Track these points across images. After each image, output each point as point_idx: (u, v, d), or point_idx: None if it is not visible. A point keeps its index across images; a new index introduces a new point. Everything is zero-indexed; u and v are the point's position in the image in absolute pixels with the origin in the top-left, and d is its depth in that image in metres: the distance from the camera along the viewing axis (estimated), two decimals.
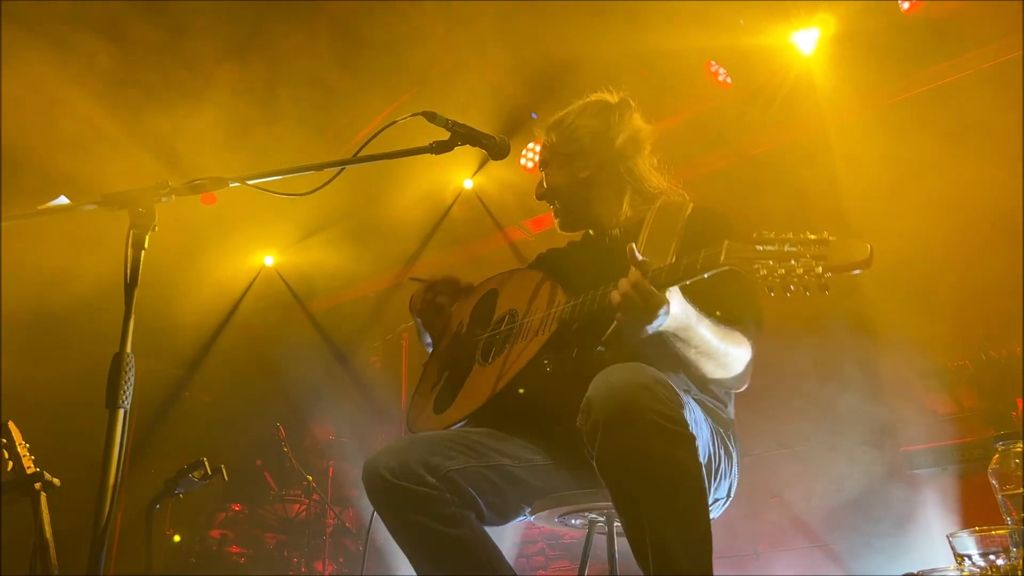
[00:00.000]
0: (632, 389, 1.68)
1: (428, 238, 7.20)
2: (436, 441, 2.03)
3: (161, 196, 1.85)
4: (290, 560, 5.86)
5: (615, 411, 1.68)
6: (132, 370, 1.69)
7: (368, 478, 1.99)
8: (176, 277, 6.43)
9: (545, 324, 2.07)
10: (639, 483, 1.66)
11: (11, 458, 2.99)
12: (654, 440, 1.65)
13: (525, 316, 2.20)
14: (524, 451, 2.11)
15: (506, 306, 2.35)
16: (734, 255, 1.69)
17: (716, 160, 5.94)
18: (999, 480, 1.80)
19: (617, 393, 1.69)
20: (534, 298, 2.22)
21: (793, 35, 5.35)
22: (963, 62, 5.11)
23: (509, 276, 2.50)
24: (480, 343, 2.34)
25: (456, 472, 1.97)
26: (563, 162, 2.39)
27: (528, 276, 2.37)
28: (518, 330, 2.20)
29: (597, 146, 2.36)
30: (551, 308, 2.09)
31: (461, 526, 1.94)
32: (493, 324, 2.35)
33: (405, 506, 1.94)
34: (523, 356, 2.08)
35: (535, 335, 2.09)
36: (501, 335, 2.27)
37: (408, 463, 1.95)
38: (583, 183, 2.37)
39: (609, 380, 1.73)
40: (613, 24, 5.20)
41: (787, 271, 1.61)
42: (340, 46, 5.39)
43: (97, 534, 1.57)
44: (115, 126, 5.31)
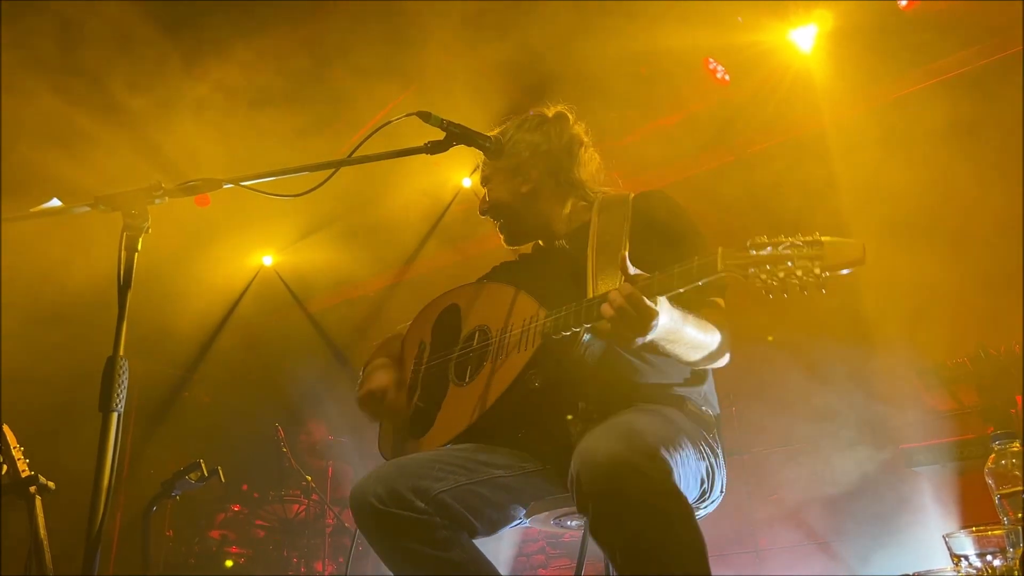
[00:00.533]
0: (618, 471, 1.65)
1: (426, 237, 7.20)
2: (424, 464, 2.00)
3: (154, 198, 1.85)
4: (289, 560, 5.86)
5: (603, 494, 1.66)
6: (125, 373, 1.69)
7: (356, 506, 1.96)
8: (175, 278, 6.43)
9: (527, 339, 2.05)
10: (634, 560, 1.64)
11: (6, 461, 2.98)
12: (646, 525, 1.63)
13: (501, 332, 2.16)
14: (514, 459, 2.09)
15: (474, 322, 2.30)
16: (730, 261, 1.69)
17: (715, 158, 5.94)
18: (996, 480, 1.79)
19: (605, 474, 1.66)
20: (509, 313, 2.18)
21: (791, 32, 5.34)
22: (961, 59, 5.11)
23: (470, 291, 2.46)
24: (451, 362, 2.30)
25: (446, 493, 1.94)
26: (504, 177, 2.39)
27: (495, 290, 2.34)
28: (496, 346, 2.15)
29: (536, 159, 2.37)
30: (532, 322, 2.06)
31: (453, 548, 1.92)
32: (462, 342, 2.30)
33: (395, 533, 1.91)
34: (509, 372, 2.05)
35: (518, 351, 2.06)
36: (475, 353, 2.22)
37: (396, 489, 1.92)
38: (525, 196, 2.38)
39: (596, 458, 1.69)
40: (611, 22, 5.19)
41: (785, 274, 1.62)
42: (335, 46, 5.38)
43: (91, 537, 1.57)
44: (109, 126, 5.31)
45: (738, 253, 1.68)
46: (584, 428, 1.94)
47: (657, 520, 1.64)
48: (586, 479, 1.68)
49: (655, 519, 1.64)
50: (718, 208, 5.24)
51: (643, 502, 1.63)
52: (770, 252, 1.64)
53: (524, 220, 2.41)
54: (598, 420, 1.91)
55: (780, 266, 1.63)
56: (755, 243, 1.66)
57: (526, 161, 2.38)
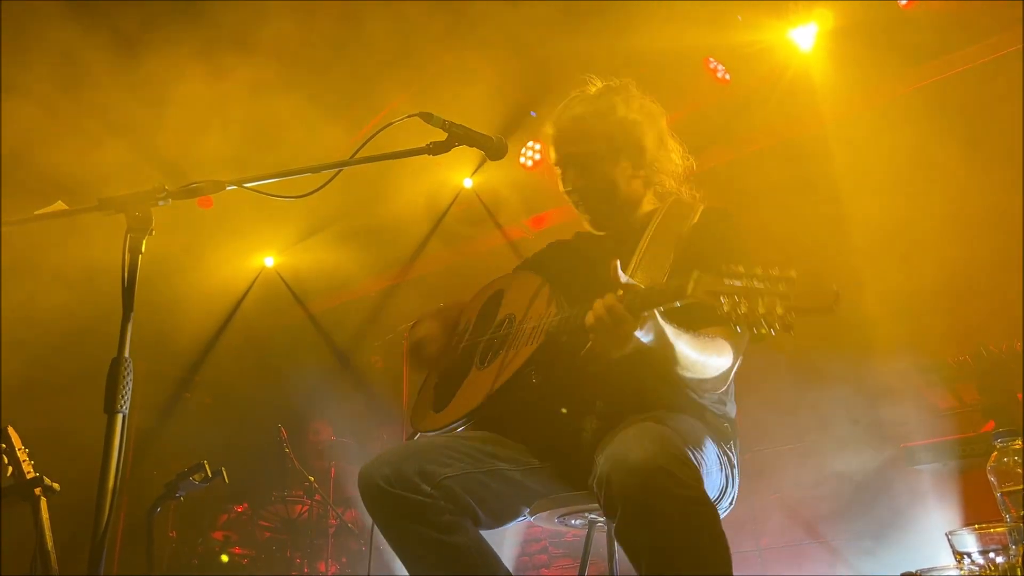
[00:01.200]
0: (652, 474, 1.65)
1: (428, 237, 7.20)
2: (432, 448, 2.03)
3: (158, 200, 1.85)
4: (292, 561, 5.86)
5: (636, 496, 1.65)
6: (130, 374, 1.69)
7: (364, 487, 1.99)
8: (177, 279, 6.43)
9: (534, 334, 2.08)
10: (661, 563, 1.65)
11: (11, 463, 2.98)
12: (677, 527, 1.64)
13: (522, 323, 2.20)
14: (521, 454, 2.11)
15: (507, 309, 2.35)
16: (700, 288, 1.67)
17: (715, 157, 5.93)
18: (998, 477, 1.80)
19: (637, 476, 1.65)
20: (531, 304, 2.22)
21: (791, 31, 5.34)
22: (962, 57, 5.11)
23: (517, 277, 2.51)
24: (479, 346, 2.35)
25: (452, 479, 1.96)
26: (585, 162, 2.34)
27: (529, 280, 2.36)
28: (513, 336, 2.20)
29: (635, 143, 2.35)
30: (544, 318, 2.09)
31: (457, 533, 1.94)
32: (493, 327, 2.35)
33: (401, 514, 1.93)
34: (512, 365, 2.08)
35: (524, 344, 2.10)
36: (499, 339, 2.27)
37: (403, 472, 1.94)
38: (617, 182, 2.34)
39: (628, 460, 1.68)
40: (611, 21, 5.20)
41: (750, 308, 1.60)
42: (336, 46, 5.39)
43: (97, 538, 1.57)
44: (110, 127, 5.31)
45: (712, 280, 1.67)
46: (600, 427, 1.95)
47: (687, 525, 1.64)
48: (617, 481, 1.68)
49: (685, 524, 1.64)
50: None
51: (674, 507, 1.64)
52: (742, 284, 1.62)
53: (612, 206, 2.36)
54: (616, 421, 1.92)
55: (750, 298, 1.60)
56: (730, 272, 1.64)
57: (633, 142, 2.34)
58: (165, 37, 5.09)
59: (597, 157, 2.31)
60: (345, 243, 7.15)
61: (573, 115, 2.36)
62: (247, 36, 5.23)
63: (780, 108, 5.56)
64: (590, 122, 2.33)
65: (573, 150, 2.33)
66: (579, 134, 2.33)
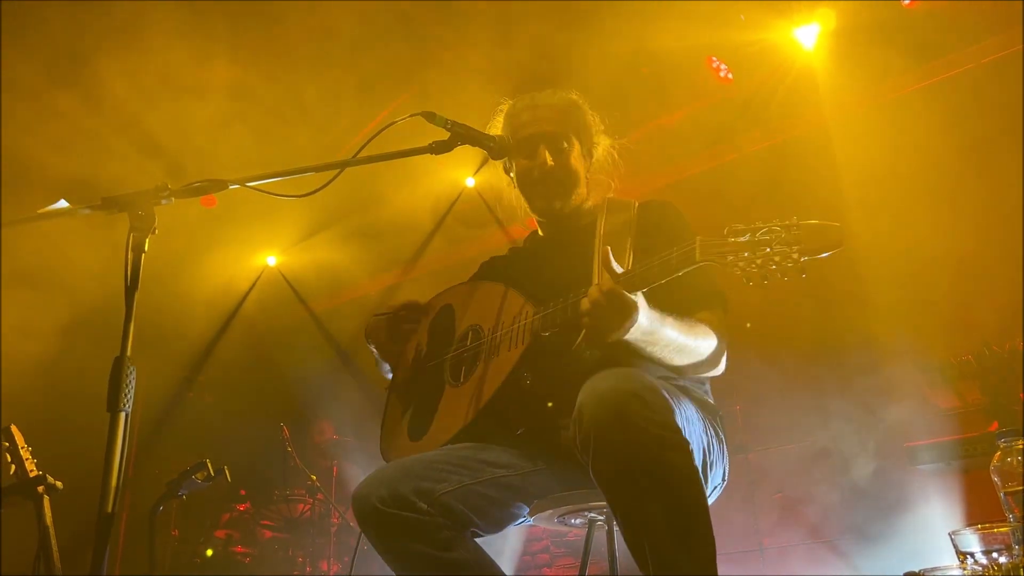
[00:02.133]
0: (621, 397, 1.66)
1: (430, 236, 7.21)
2: (426, 465, 2.00)
3: (161, 199, 1.85)
4: (295, 560, 5.87)
5: (606, 421, 1.66)
6: (133, 374, 1.69)
7: (359, 509, 1.96)
8: (179, 278, 6.44)
9: (517, 337, 2.05)
10: (635, 492, 1.64)
11: (14, 461, 3.00)
12: (648, 448, 1.63)
13: (492, 331, 2.16)
14: (516, 458, 2.09)
15: (467, 322, 2.30)
16: (709, 250, 1.69)
17: (718, 156, 5.94)
18: (1001, 477, 1.79)
19: (607, 403, 1.67)
20: (499, 311, 2.17)
21: (794, 30, 5.34)
22: (965, 56, 5.10)
23: (464, 290, 2.45)
24: (446, 364, 2.30)
25: (449, 495, 1.94)
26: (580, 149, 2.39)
27: (486, 288, 2.33)
28: (488, 346, 2.15)
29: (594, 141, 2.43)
30: (520, 320, 2.06)
31: (456, 549, 1.92)
32: (457, 342, 2.30)
33: (398, 534, 1.91)
34: (500, 371, 2.05)
35: (508, 349, 2.06)
36: (469, 353, 2.22)
37: (399, 491, 1.91)
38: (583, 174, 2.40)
39: (597, 389, 1.70)
40: (614, 20, 5.19)
41: (763, 260, 1.62)
42: (338, 46, 5.39)
43: (100, 536, 1.58)
44: (111, 127, 5.32)
45: (716, 241, 1.69)
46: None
47: (655, 445, 1.64)
48: (589, 411, 1.69)
49: (653, 444, 1.64)
50: (721, 206, 5.24)
51: (644, 430, 1.63)
52: (748, 239, 1.65)
53: (573, 196, 2.38)
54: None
55: (758, 252, 1.63)
56: (733, 230, 1.67)
57: (591, 139, 2.42)
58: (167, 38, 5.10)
59: (569, 142, 2.36)
60: (347, 242, 7.16)
61: (548, 101, 2.40)
62: (249, 36, 5.24)
63: (783, 107, 5.56)
64: (566, 109, 2.40)
65: (549, 129, 2.36)
66: (557, 115, 2.38)
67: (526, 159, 2.37)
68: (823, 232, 1.62)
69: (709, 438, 2.03)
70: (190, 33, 5.11)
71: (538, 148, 2.35)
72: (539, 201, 2.40)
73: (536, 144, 2.35)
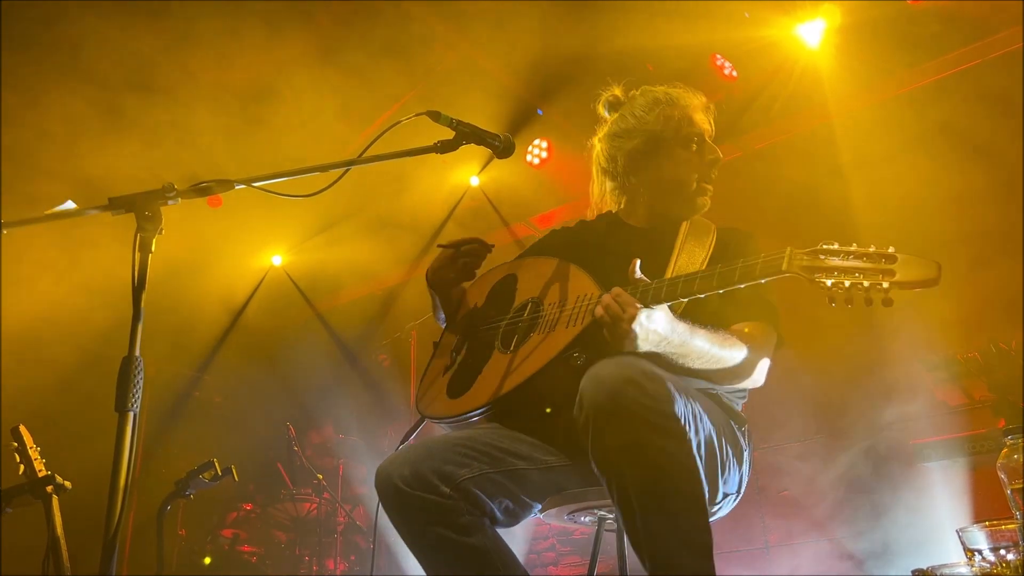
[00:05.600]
0: (618, 384, 1.68)
1: (435, 235, 7.21)
2: (449, 447, 2.01)
3: (167, 199, 1.86)
4: (301, 558, 5.89)
5: (602, 406, 1.69)
6: (141, 373, 1.70)
7: (381, 486, 1.98)
8: (185, 278, 6.45)
9: (577, 317, 2.04)
10: (629, 477, 1.66)
11: (23, 461, 3.01)
12: (642, 433, 1.65)
13: (552, 306, 2.16)
14: (537, 451, 2.09)
15: (527, 294, 2.31)
16: (796, 263, 1.70)
17: (722, 153, 5.92)
18: (1008, 474, 1.79)
19: (604, 388, 1.70)
20: (563, 289, 2.18)
21: (798, 27, 5.33)
22: (970, 52, 5.08)
23: (529, 263, 2.46)
24: (500, 330, 2.30)
25: (470, 480, 1.95)
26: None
27: (548, 263, 2.33)
28: (544, 320, 2.15)
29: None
30: (583, 301, 2.06)
31: (475, 534, 1.93)
32: (513, 311, 2.31)
33: (419, 515, 1.93)
34: (552, 347, 2.04)
35: (566, 326, 2.05)
36: (524, 324, 2.22)
37: (421, 472, 1.93)
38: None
39: (598, 375, 1.73)
40: (618, 18, 5.19)
41: (853, 284, 1.63)
42: (343, 45, 5.39)
43: (108, 536, 1.58)
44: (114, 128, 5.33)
45: (807, 256, 1.69)
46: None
47: (653, 433, 1.66)
48: (588, 396, 1.72)
49: (651, 432, 1.66)
50: (724, 204, 5.22)
51: (639, 414, 1.66)
52: (840, 261, 1.65)
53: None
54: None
55: (848, 276, 1.63)
56: (825, 249, 1.67)
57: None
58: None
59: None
60: (352, 241, 7.17)
61: (705, 103, 2.47)
62: (251, 37, 5.24)
63: (787, 105, 5.55)
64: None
65: (707, 128, 2.43)
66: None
67: (690, 150, 2.38)
68: (921, 267, 1.61)
69: (723, 442, 2.02)
70: (193, 33, 5.13)
71: (705, 139, 2.40)
72: (697, 198, 2.39)
73: (704, 135, 2.40)
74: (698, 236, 2.27)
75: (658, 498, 1.64)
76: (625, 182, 2.44)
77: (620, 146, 2.41)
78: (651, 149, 2.38)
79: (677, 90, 2.43)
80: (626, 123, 2.42)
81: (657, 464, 1.65)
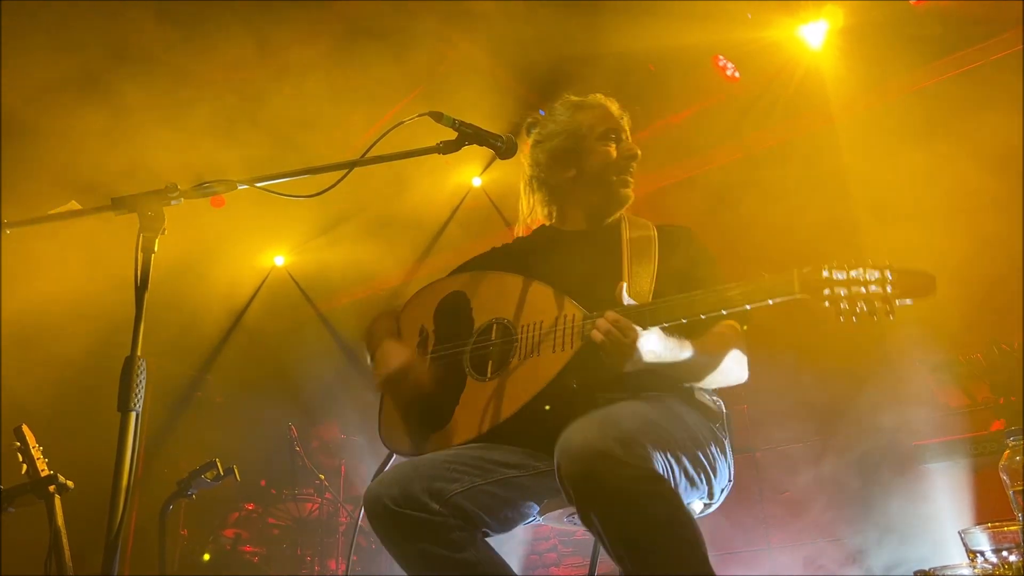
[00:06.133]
0: (593, 459, 1.68)
1: (437, 236, 7.21)
2: (437, 465, 2.00)
3: (170, 199, 1.87)
4: (303, 559, 5.89)
5: (579, 484, 1.69)
6: (143, 373, 1.70)
7: (370, 507, 1.97)
8: (187, 279, 6.45)
9: (564, 339, 2.03)
10: (622, 542, 1.67)
11: (25, 461, 3.01)
12: (625, 503, 1.66)
13: (527, 328, 2.13)
14: (525, 458, 2.08)
15: (488, 314, 2.26)
16: (809, 284, 1.76)
17: (724, 155, 5.93)
18: (1010, 476, 1.79)
19: (580, 464, 1.70)
20: (532, 309, 2.15)
21: (801, 28, 5.32)
22: (973, 54, 5.08)
23: (481, 279, 2.40)
24: (466, 355, 2.25)
25: (461, 495, 1.95)
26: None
27: (507, 280, 2.29)
28: (522, 344, 2.11)
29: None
30: (567, 323, 2.04)
31: (467, 549, 1.92)
32: (477, 334, 2.26)
33: (409, 534, 1.92)
34: (543, 373, 2.03)
35: (552, 351, 2.04)
36: (497, 348, 2.18)
37: (411, 491, 1.92)
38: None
39: (570, 449, 1.73)
40: (620, 19, 5.19)
41: (857, 299, 1.72)
42: (345, 45, 5.40)
43: (111, 536, 1.59)
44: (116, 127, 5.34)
45: (814, 276, 1.76)
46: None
47: (633, 502, 1.66)
48: (564, 467, 1.73)
49: (631, 501, 1.66)
50: (727, 205, 5.23)
51: (616, 486, 1.67)
52: (845, 277, 1.73)
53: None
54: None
55: (853, 291, 1.72)
56: (831, 267, 1.75)
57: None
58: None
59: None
60: (354, 242, 7.17)
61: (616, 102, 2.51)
62: (255, 38, 5.25)
63: (790, 106, 5.54)
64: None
65: (627, 125, 2.48)
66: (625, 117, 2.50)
67: (608, 145, 2.41)
68: (917, 280, 1.75)
69: (707, 450, 2.04)
70: (195, 35, 5.13)
71: (623, 136, 2.43)
72: (620, 189, 2.40)
73: (620, 133, 2.43)
74: (640, 235, 2.30)
75: (653, 563, 1.65)
76: (551, 184, 2.50)
77: (543, 148, 2.50)
78: (572, 146, 2.44)
79: (593, 95, 2.51)
80: (547, 128, 2.52)
81: (648, 529, 1.66)
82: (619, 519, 1.67)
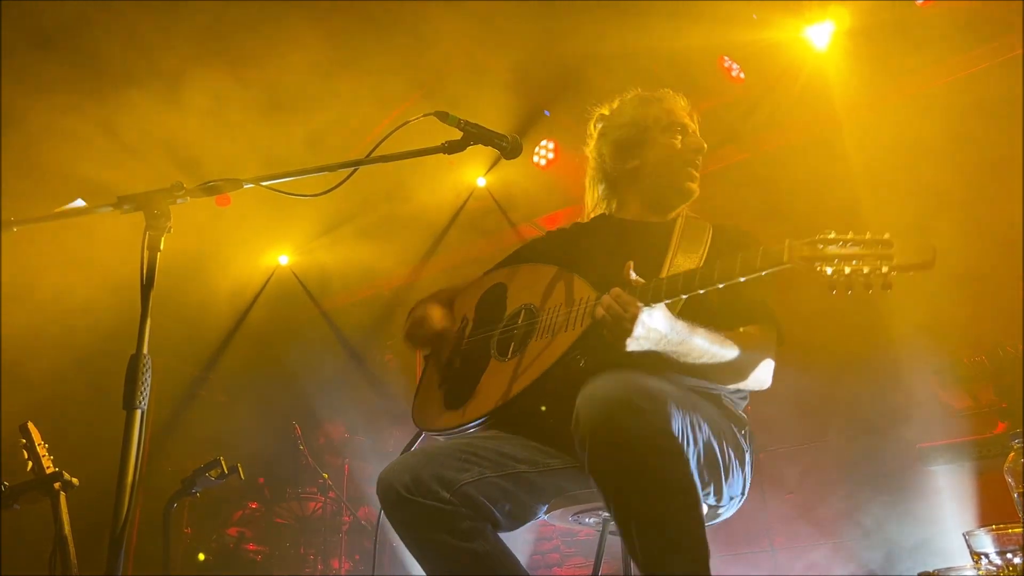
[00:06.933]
0: (613, 407, 1.70)
1: (441, 235, 7.22)
2: (450, 453, 2.02)
3: (176, 198, 1.87)
4: (306, 557, 5.89)
5: (598, 429, 1.70)
6: (149, 371, 1.70)
7: (383, 493, 1.98)
8: (192, 277, 6.47)
9: (576, 319, 2.04)
10: (626, 497, 1.68)
11: (31, 458, 3.02)
12: (637, 456, 1.67)
13: (549, 312, 2.15)
14: (539, 455, 2.09)
15: (519, 301, 2.30)
16: (796, 253, 1.72)
17: (729, 156, 5.92)
18: (1015, 478, 1.79)
19: (600, 410, 1.71)
20: (557, 294, 2.17)
21: (806, 29, 5.31)
22: (978, 56, 5.07)
23: (518, 271, 2.46)
24: (494, 338, 2.30)
25: (471, 485, 1.96)
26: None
27: (541, 270, 2.33)
28: (542, 326, 2.14)
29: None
30: (580, 304, 2.05)
31: (476, 539, 1.93)
32: (507, 319, 2.30)
33: (420, 522, 1.93)
34: (554, 351, 2.04)
35: (565, 330, 2.05)
36: (520, 331, 2.22)
37: (422, 478, 1.94)
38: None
39: (594, 394, 1.74)
40: (625, 20, 5.19)
41: (852, 271, 1.65)
42: (352, 44, 5.40)
43: (115, 533, 1.59)
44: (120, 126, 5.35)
45: (806, 246, 1.71)
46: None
47: (648, 454, 1.67)
48: (584, 415, 1.73)
49: (646, 453, 1.67)
50: (732, 205, 5.22)
51: (635, 436, 1.67)
52: (839, 248, 1.68)
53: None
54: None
55: (848, 263, 1.66)
56: (823, 238, 1.70)
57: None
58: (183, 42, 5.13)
59: None
60: (359, 241, 7.18)
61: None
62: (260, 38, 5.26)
63: (795, 107, 5.53)
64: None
65: (691, 123, 2.48)
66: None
67: (674, 138, 2.42)
68: (917, 250, 1.64)
69: (725, 446, 2.02)
70: (200, 34, 5.14)
71: (689, 131, 2.44)
72: (685, 182, 2.41)
73: (687, 127, 2.45)
74: (694, 232, 2.28)
75: (657, 518, 1.65)
76: (614, 176, 2.49)
77: (607, 140, 2.48)
78: (636, 137, 2.43)
79: (662, 90, 2.52)
80: (613, 121, 2.50)
81: (655, 486, 1.67)
82: (629, 468, 1.67)
